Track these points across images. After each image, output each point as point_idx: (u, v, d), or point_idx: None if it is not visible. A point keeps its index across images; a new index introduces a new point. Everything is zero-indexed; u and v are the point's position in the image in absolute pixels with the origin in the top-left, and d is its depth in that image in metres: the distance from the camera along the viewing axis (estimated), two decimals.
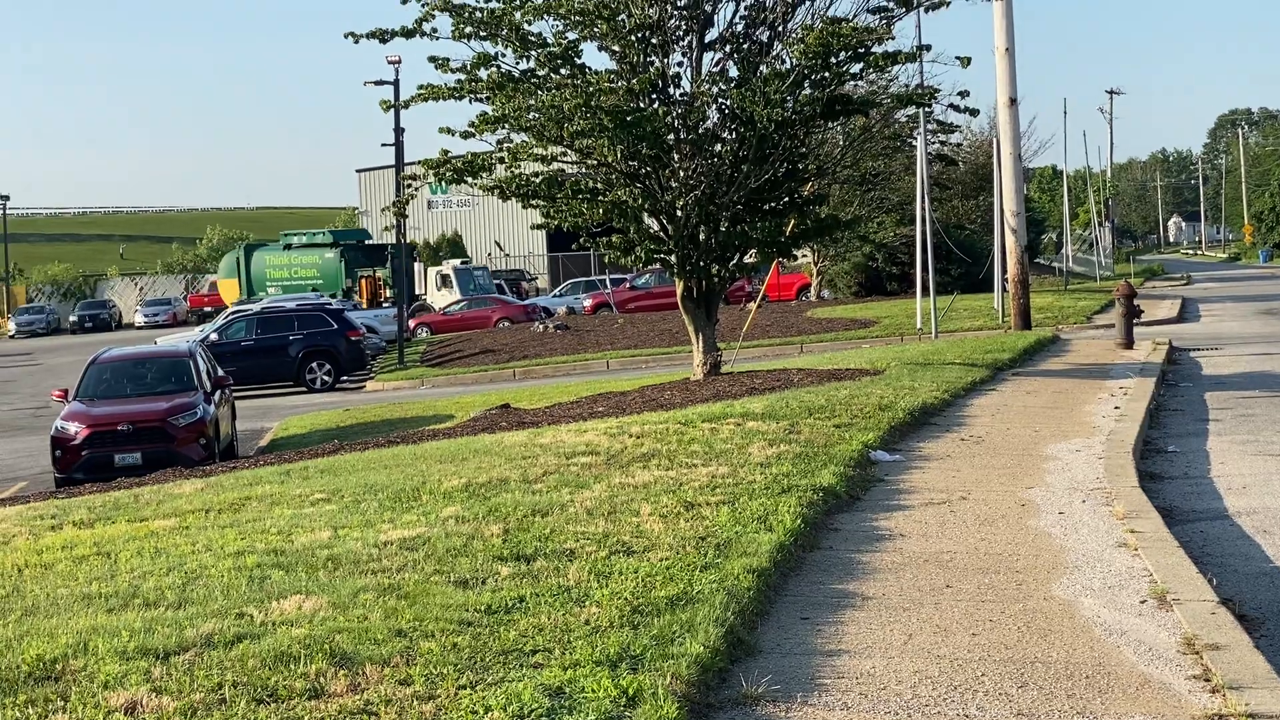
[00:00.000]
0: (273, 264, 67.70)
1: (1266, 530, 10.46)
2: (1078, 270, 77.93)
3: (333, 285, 65.73)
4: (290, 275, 66.84)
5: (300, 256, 67.11)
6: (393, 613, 7.51)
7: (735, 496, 10.60)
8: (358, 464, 14.90)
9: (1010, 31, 31.50)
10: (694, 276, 20.68)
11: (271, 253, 69.04)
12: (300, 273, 66.83)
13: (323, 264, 66.54)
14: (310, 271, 66.95)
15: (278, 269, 67.42)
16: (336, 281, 65.84)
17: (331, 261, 66.52)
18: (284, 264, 67.59)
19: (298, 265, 67.27)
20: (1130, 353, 24.98)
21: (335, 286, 65.62)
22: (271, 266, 67.53)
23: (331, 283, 65.99)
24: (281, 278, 66.47)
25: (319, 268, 66.58)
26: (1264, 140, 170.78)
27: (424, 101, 20.19)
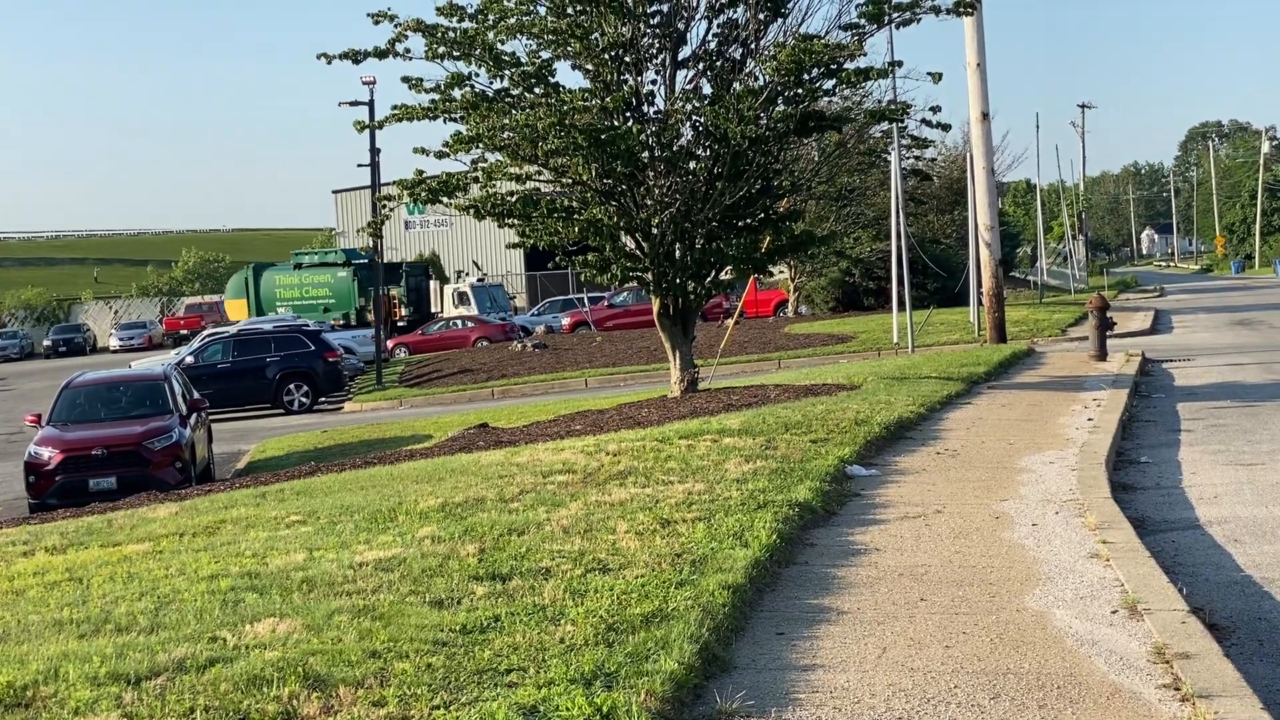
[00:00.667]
0: (283, 284, 67.09)
1: (1237, 539, 10.52)
2: (1052, 283, 78.23)
3: (346, 304, 65.36)
4: (301, 295, 66.36)
5: (312, 276, 66.47)
6: (367, 634, 7.51)
7: (711, 513, 10.62)
8: (334, 485, 14.89)
9: (981, 47, 31.64)
10: (670, 294, 20.72)
11: (281, 272, 68.39)
12: (312, 292, 66.33)
13: (335, 283, 66.05)
14: (323, 291, 66.45)
15: (288, 289, 66.89)
16: (350, 300, 65.41)
17: (344, 280, 66.05)
18: (295, 283, 67.00)
19: (309, 285, 66.64)
20: (1104, 365, 25.09)
21: (348, 305, 65.28)
22: (282, 286, 66.95)
23: (344, 302, 65.59)
24: (292, 297, 65.99)
25: (331, 287, 66.00)
26: (1234, 152, 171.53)
27: (398, 122, 20.20)
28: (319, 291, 66.54)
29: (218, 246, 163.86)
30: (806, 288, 56.04)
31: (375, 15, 20.13)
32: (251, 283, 67.36)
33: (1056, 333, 36.34)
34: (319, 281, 66.69)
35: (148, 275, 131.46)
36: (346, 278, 65.87)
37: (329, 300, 65.78)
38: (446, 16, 19.77)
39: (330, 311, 65.38)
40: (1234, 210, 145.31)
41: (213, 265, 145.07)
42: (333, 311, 65.50)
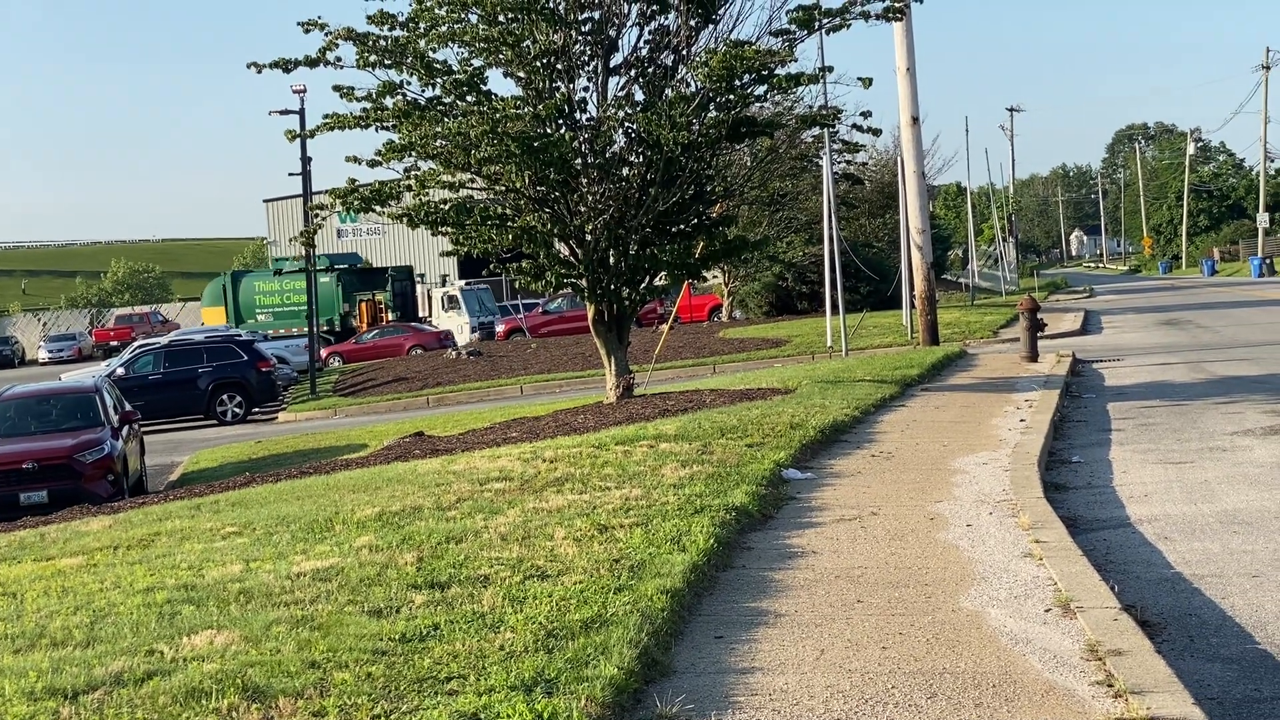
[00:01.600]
0: (263, 290, 66.06)
1: (1167, 537, 10.66)
2: (983, 285, 78.83)
3: (329, 310, 64.53)
4: (282, 301, 65.38)
5: (293, 281, 65.06)
6: (306, 644, 7.50)
7: (649, 518, 10.65)
8: (270, 496, 14.82)
9: (911, 52, 31.87)
10: (605, 300, 20.76)
11: (261, 278, 67.29)
12: (294, 298, 65.16)
13: (318, 288, 65.51)
14: (304, 297, 65.58)
15: (268, 295, 65.87)
16: (333, 306, 64.53)
17: (327, 286, 65.07)
18: (275, 290, 65.91)
19: (290, 291, 65.42)
20: (1035, 366, 25.33)
21: (332, 311, 64.49)
22: (261, 293, 65.96)
23: (327, 307, 64.68)
24: (273, 304, 65.09)
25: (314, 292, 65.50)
26: (1160, 154, 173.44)
27: (330, 131, 20.14)
28: (300, 298, 65.43)
29: (148, 257, 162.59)
30: (740, 292, 56.23)
31: (306, 24, 20.08)
32: (229, 289, 66.27)
33: (988, 334, 36.64)
34: (300, 288, 65.63)
35: (77, 286, 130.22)
36: (330, 283, 65.04)
37: None
38: (377, 25, 19.73)
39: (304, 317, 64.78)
40: (1161, 211, 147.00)
41: (143, 276, 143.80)
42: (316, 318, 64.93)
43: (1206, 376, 22.88)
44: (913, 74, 32.04)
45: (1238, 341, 30.26)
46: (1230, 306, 46.75)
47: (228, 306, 66.05)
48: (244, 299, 65.96)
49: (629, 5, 20.30)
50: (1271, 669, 7.32)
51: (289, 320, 63.78)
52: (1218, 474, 13.30)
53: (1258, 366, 23.79)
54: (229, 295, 66.29)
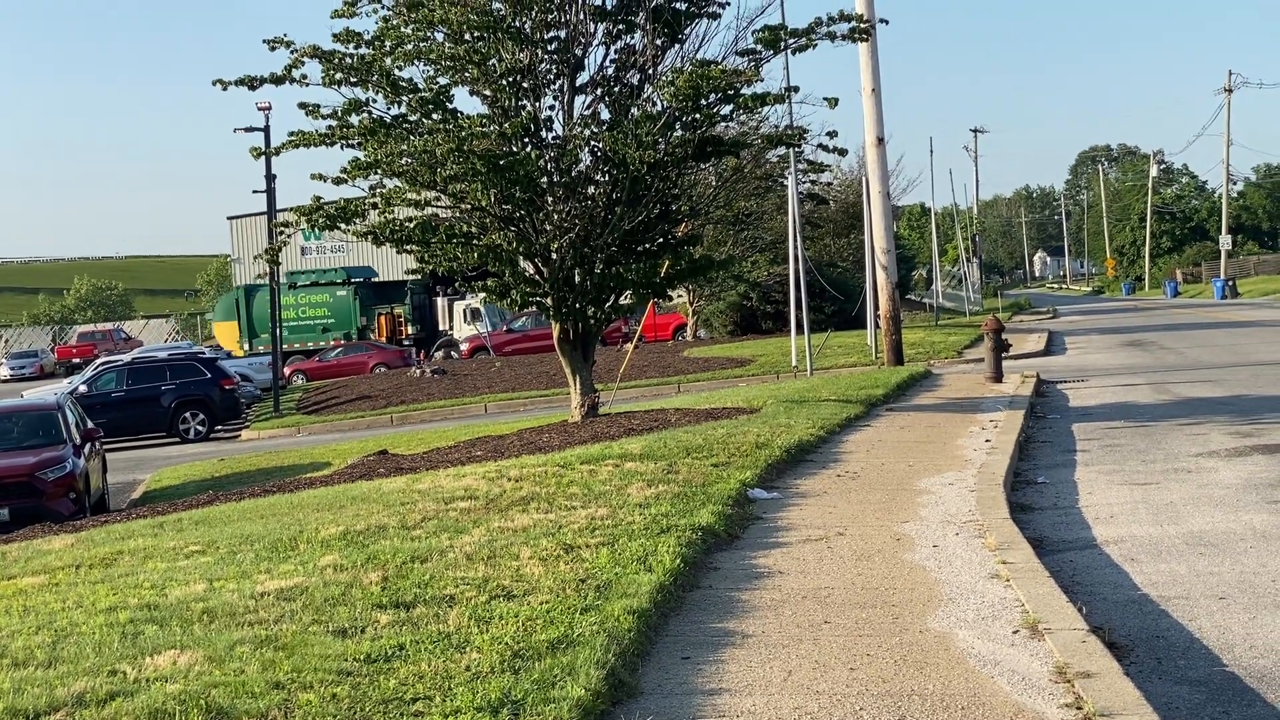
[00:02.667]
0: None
1: (1133, 558, 10.68)
2: (948, 306, 79.08)
3: (346, 324, 63.87)
4: (298, 315, 64.60)
5: (309, 295, 64.50)
6: (270, 665, 7.43)
7: (615, 538, 10.61)
8: (233, 514, 14.73)
9: (876, 73, 31.98)
10: (570, 319, 20.73)
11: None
12: (310, 312, 64.52)
13: (335, 302, 64.20)
14: (321, 311, 64.61)
15: (284, 309, 65.25)
16: (350, 320, 63.82)
17: (344, 299, 64.41)
18: (290, 304, 64.77)
19: (306, 305, 64.77)
20: (1000, 386, 25.38)
21: (349, 325, 63.84)
22: None
23: (344, 321, 64.02)
24: (288, 319, 64.15)
25: (330, 306, 64.29)
26: (1123, 176, 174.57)
27: (295, 148, 20.08)
28: (317, 311, 64.76)
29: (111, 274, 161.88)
30: (705, 311, 56.28)
31: (272, 41, 20.03)
32: (243, 304, 65.21)
33: (953, 355, 36.73)
34: (317, 301, 64.81)
35: (39, 303, 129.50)
36: (346, 296, 64.39)
37: (328, 320, 64.20)
38: (344, 43, 19.70)
39: (329, 332, 63.91)
40: (1124, 233, 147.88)
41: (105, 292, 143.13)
42: (332, 332, 64.02)
43: (1171, 398, 22.98)
44: (878, 95, 32.15)
45: (1201, 363, 30.41)
46: (1193, 328, 47.02)
47: (240, 321, 65.16)
48: (257, 313, 64.93)
49: (595, 24, 20.31)
50: (1239, 692, 7.32)
51: (305, 335, 63.20)
52: (1183, 495, 13.33)
53: (1221, 388, 23.90)
54: (241, 310, 65.31)
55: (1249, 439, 16.99)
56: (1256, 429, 17.90)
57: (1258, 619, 8.64)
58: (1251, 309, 61.72)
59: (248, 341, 64.44)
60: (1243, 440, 16.91)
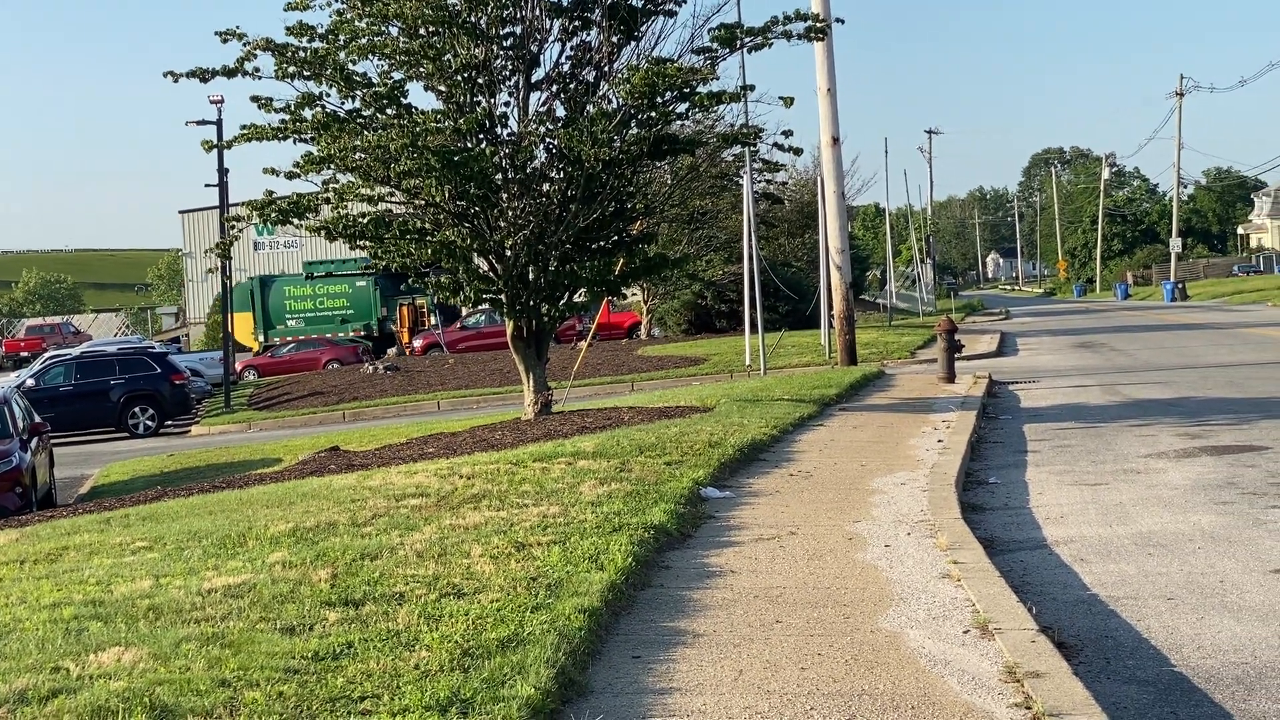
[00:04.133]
0: (294, 295, 64.34)
1: (1083, 559, 10.71)
2: (901, 306, 79.40)
3: (366, 315, 63.05)
4: (315, 306, 63.73)
5: (327, 286, 63.75)
6: (216, 662, 7.35)
7: (566, 536, 10.57)
8: (181, 510, 14.60)
9: (832, 72, 32.03)
10: (524, 316, 20.67)
11: (292, 283, 65.34)
12: (328, 303, 63.71)
13: (354, 293, 63.46)
14: (339, 302, 63.88)
15: (300, 300, 64.00)
16: (370, 311, 62.99)
17: (364, 290, 63.54)
18: (308, 294, 64.18)
19: (324, 295, 64.07)
20: (952, 387, 25.47)
21: (369, 316, 63.05)
22: (293, 298, 64.21)
23: (364, 312, 63.18)
24: (305, 309, 63.42)
25: (349, 297, 63.56)
26: (1075, 178, 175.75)
27: (247, 142, 19.91)
28: (335, 302, 63.84)
29: (60, 267, 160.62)
30: (660, 310, 56.30)
31: (224, 33, 19.85)
32: (258, 295, 64.48)
33: (906, 355, 36.84)
34: (335, 291, 63.75)
35: None
36: (366, 287, 63.54)
37: (347, 311, 63.37)
38: (297, 36, 19.56)
39: (349, 323, 63.24)
40: (1076, 235, 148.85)
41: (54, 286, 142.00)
42: (351, 323, 63.35)
43: (1121, 399, 23.11)
44: (833, 95, 32.20)
45: (1151, 365, 30.61)
46: (1143, 330, 47.35)
47: (255, 312, 64.18)
48: (274, 304, 64.18)
49: (551, 21, 20.25)
50: (1186, 691, 7.35)
51: (323, 326, 62.64)
52: (1132, 496, 13.40)
53: (1170, 390, 24.06)
54: (256, 301, 64.37)
55: (1197, 440, 17.10)
56: (1204, 430, 18.01)
57: (1205, 619, 8.67)
58: (1201, 311, 62.19)
59: (263, 333, 63.72)
60: (1191, 442, 17.02)
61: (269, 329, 63.27)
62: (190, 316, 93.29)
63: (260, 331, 63.62)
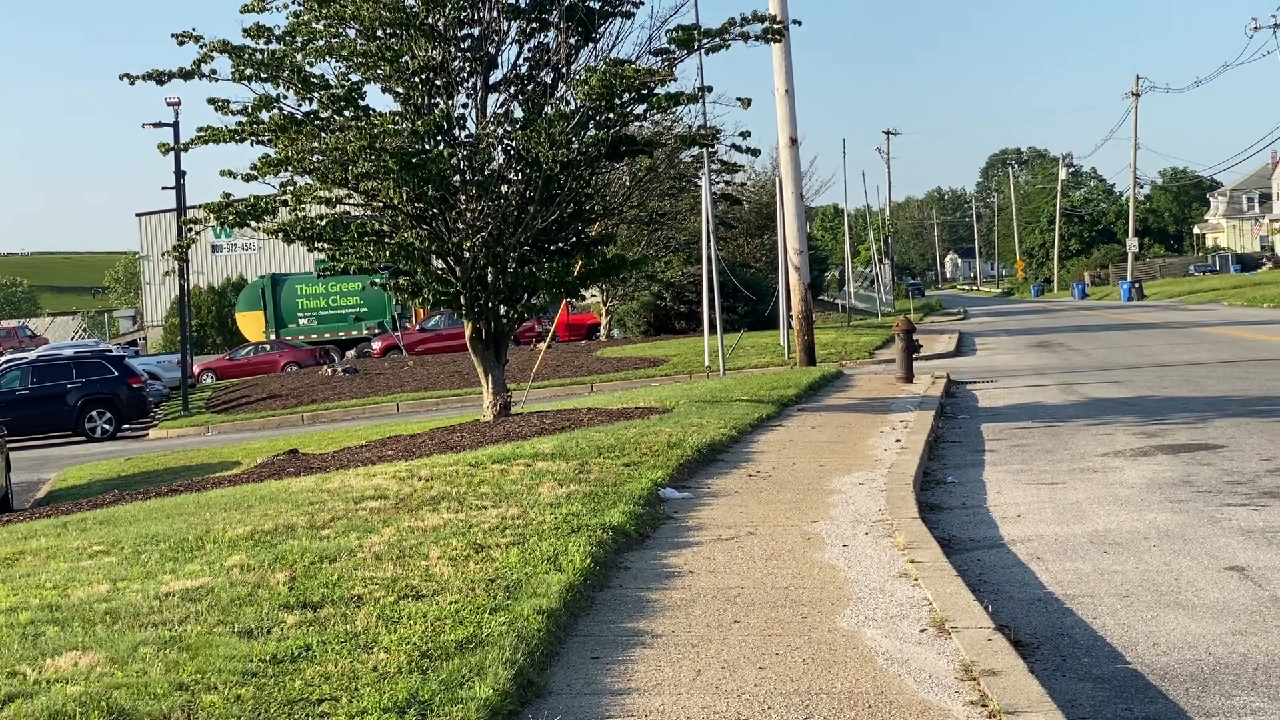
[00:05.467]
0: (306, 293, 63.71)
1: (1039, 557, 10.78)
2: (860, 306, 79.65)
3: (380, 313, 62.31)
4: (328, 305, 63.00)
5: (340, 284, 62.75)
6: (174, 666, 7.33)
7: (525, 537, 10.57)
8: (139, 514, 14.53)
9: (789, 73, 32.11)
10: (483, 318, 20.65)
11: (304, 281, 64.43)
12: (341, 301, 63.00)
13: (368, 290, 63.14)
14: (353, 300, 63.17)
15: (312, 299, 63.28)
16: (385, 308, 62.14)
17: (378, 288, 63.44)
18: (319, 293, 63.53)
19: (337, 294, 63.36)
20: (910, 386, 25.57)
21: (383, 314, 62.30)
22: (304, 296, 63.57)
23: (378, 310, 62.39)
24: (317, 308, 62.67)
25: (363, 295, 62.78)
26: (1033, 179, 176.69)
27: (204, 144, 19.82)
28: (349, 300, 63.07)
29: (15, 270, 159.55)
30: (619, 311, 56.32)
31: (180, 36, 19.77)
32: (269, 293, 63.97)
33: (865, 355, 36.96)
34: (349, 289, 63.03)
35: None
36: None
37: (360, 309, 62.67)
38: (254, 38, 19.50)
39: (362, 321, 62.76)
40: (1033, 235, 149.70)
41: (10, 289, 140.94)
42: (365, 321, 62.82)
43: (1078, 398, 23.25)
44: (791, 95, 32.29)
45: (1108, 364, 30.81)
46: (1100, 329, 47.65)
47: (266, 311, 63.57)
48: (285, 302, 63.53)
49: (508, 22, 20.25)
50: (1142, 688, 7.41)
51: (335, 325, 62.27)
52: (1089, 495, 13.49)
53: (1127, 389, 24.22)
54: (268, 299, 63.81)
55: (1153, 439, 17.23)
56: (1160, 429, 18.15)
57: (1160, 617, 8.74)
58: (1157, 311, 62.62)
59: (274, 331, 63.32)
60: (1147, 440, 17.14)
61: (280, 328, 62.94)
62: (148, 319, 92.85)
63: (272, 330, 63.29)
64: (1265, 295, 61.72)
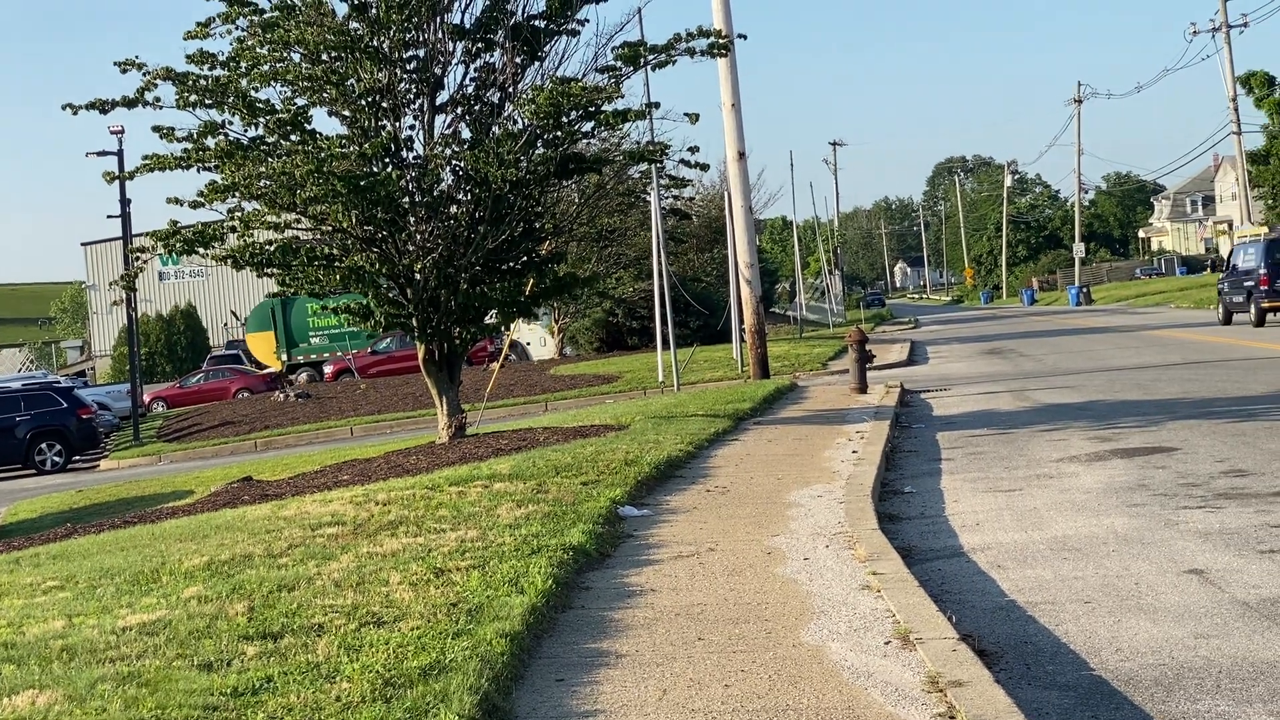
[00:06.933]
0: (317, 312, 63.26)
1: (1000, 565, 10.79)
2: (811, 318, 79.88)
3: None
4: (340, 322, 62.81)
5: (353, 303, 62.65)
6: (133, 702, 7.23)
7: (485, 560, 10.51)
8: (93, 547, 14.37)
9: (736, 88, 32.18)
10: (435, 339, 20.57)
11: (354, 298, 64.27)
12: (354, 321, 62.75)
13: None
14: None
15: (323, 317, 62.95)
16: None
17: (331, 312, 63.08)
18: None
19: None
20: (865, 397, 25.63)
21: None
22: (316, 315, 62.76)
23: None
24: (328, 326, 61.92)
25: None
26: (979, 186, 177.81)
27: (150, 172, 19.67)
28: None
29: None
30: (571, 329, 56.28)
31: (123, 63, 19.63)
32: (279, 314, 62.87)
33: (818, 367, 37.03)
34: None
35: None
36: None
37: None
38: (198, 64, 19.38)
39: (374, 338, 62.64)
40: (981, 242, 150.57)
41: None
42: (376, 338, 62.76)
43: (1031, 404, 23.34)
44: (738, 109, 32.35)
45: (1059, 369, 30.97)
46: (1050, 335, 47.91)
47: (277, 331, 62.94)
48: (295, 322, 62.93)
49: (454, 43, 20.20)
50: (1106, 694, 7.41)
51: (348, 343, 61.87)
52: (1046, 501, 13.52)
53: (1079, 394, 24.34)
54: (278, 319, 62.98)
55: (1107, 443, 17.31)
56: (1114, 433, 18.23)
57: (1122, 622, 8.76)
58: (1105, 315, 63.04)
59: (285, 352, 62.83)
60: (1101, 445, 17.22)
61: (291, 348, 62.47)
62: (96, 349, 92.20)
63: (283, 350, 62.80)
64: (1211, 297, 62.05)
